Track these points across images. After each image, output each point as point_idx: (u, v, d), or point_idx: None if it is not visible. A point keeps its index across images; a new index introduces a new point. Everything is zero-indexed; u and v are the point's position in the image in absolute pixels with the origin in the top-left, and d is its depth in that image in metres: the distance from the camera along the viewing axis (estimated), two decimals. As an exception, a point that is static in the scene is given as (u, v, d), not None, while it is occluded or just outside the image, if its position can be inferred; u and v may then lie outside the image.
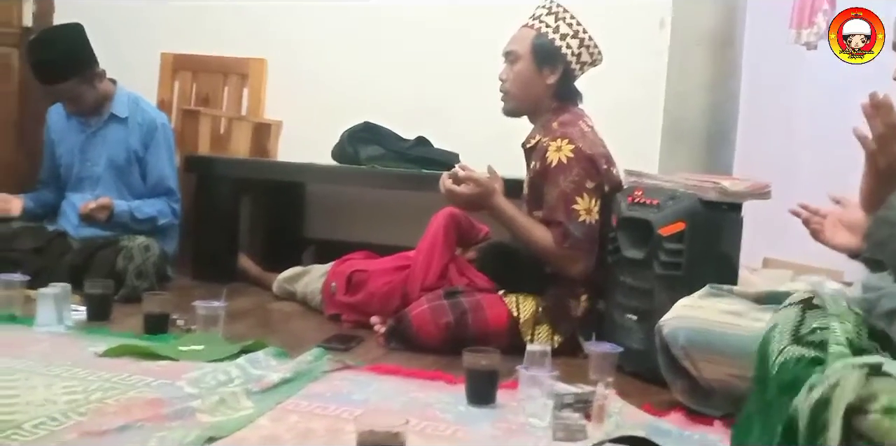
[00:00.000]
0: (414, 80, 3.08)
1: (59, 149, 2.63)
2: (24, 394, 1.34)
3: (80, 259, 2.33)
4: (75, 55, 2.42)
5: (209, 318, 1.81)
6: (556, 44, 2.02)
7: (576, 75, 2.07)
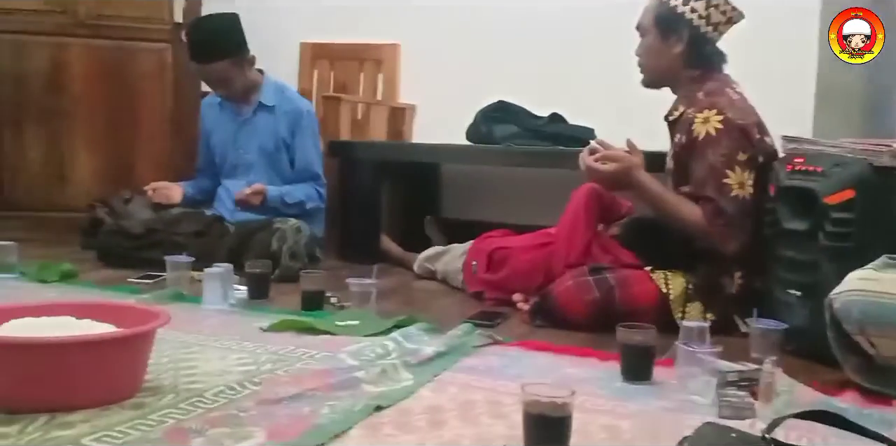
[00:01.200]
0: (545, 56, 3.05)
1: (213, 138, 2.80)
2: (202, 365, 1.44)
3: (237, 241, 2.47)
4: (230, 37, 2.56)
5: (362, 295, 1.88)
6: (679, 10, 1.93)
7: (710, 38, 1.96)
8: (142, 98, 3.15)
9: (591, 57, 2.93)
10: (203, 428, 1.11)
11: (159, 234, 2.49)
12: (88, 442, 1.05)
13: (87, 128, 3.12)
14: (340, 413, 1.20)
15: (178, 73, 3.17)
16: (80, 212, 2.76)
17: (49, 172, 3.10)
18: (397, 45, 3.33)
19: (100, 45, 3.12)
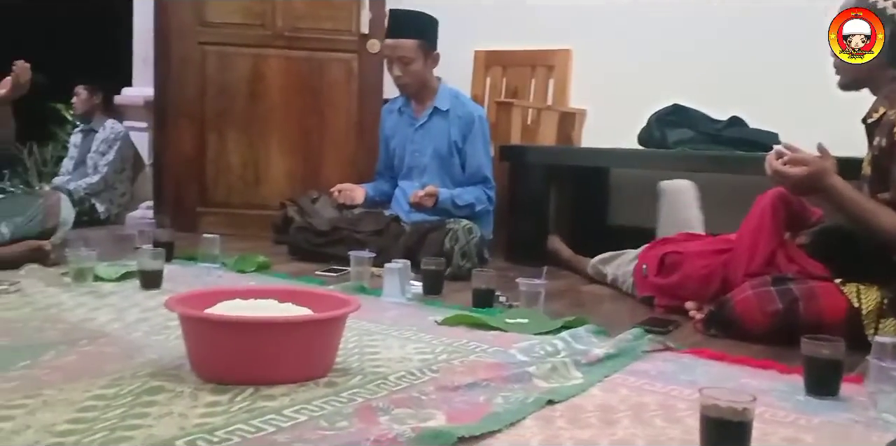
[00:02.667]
0: (721, 57, 2.95)
1: (391, 142, 2.95)
2: (384, 352, 1.54)
3: (412, 240, 2.60)
4: (426, 23, 2.75)
5: (531, 295, 1.92)
6: (880, 6, 1.80)
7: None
8: (330, 105, 3.39)
9: (772, 57, 2.80)
10: (389, 407, 1.19)
11: (343, 232, 2.68)
12: (290, 413, 1.16)
13: (281, 133, 3.40)
14: (514, 403, 1.24)
15: (363, 81, 3.38)
16: (273, 210, 3.02)
17: (247, 174, 3.41)
18: (569, 51, 3.35)
19: (294, 55, 3.39)
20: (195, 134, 3.41)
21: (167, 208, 3.38)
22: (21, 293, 1.91)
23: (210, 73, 3.41)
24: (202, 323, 1.31)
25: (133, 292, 1.99)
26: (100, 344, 1.51)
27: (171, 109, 3.42)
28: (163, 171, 3.50)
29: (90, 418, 1.11)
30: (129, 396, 1.20)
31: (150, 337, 1.59)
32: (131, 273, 2.13)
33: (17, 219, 2.31)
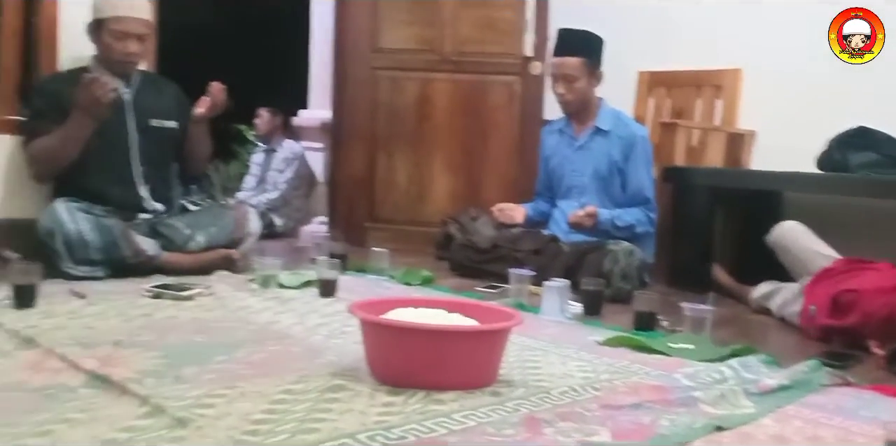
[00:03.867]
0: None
1: (551, 162, 2.99)
2: (545, 367, 1.57)
3: (571, 260, 2.61)
4: (591, 42, 2.78)
5: (697, 321, 1.88)
6: None
7: None
8: (492, 126, 3.49)
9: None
10: (553, 420, 1.22)
11: (503, 250, 2.74)
12: (459, 418, 1.22)
13: (445, 153, 3.53)
14: (681, 427, 1.23)
15: (524, 103, 3.45)
16: (435, 227, 3.14)
17: (412, 192, 3.57)
18: (739, 70, 3.24)
19: (460, 78, 3.52)
20: (366, 154, 3.61)
21: (339, 223, 3.60)
22: (215, 296, 2.11)
23: (381, 96, 3.61)
24: (381, 328, 1.40)
25: (312, 299, 2.15)
26: (285, 345, 1.64)
27: (346, 131, 3.65)
28: (336, 189, 3.74)
29: (281, 409, 1.22)
30: (314, 392, 1.31)
31: (329, 340, 1.71)
32: (310, 281, 2.29)
33: (211, 229, 2.56)
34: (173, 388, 1.28)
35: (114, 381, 1.28)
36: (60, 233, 2.24)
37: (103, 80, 2.31)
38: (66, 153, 2.36)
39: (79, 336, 1.60)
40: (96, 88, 2.26)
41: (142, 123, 2.56)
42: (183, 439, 1.07)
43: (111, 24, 2.44)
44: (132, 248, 2.34)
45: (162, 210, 2.58)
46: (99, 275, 2.27)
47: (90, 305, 1.90)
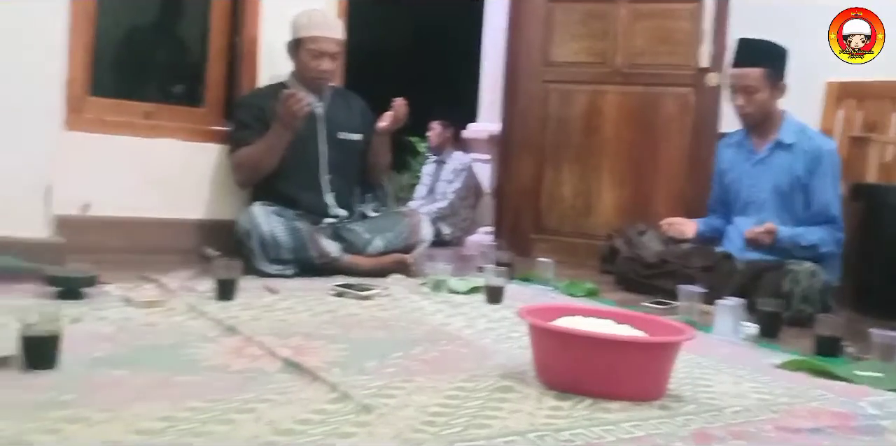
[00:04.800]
0: None
1: (727, 177, 2.88)
2: (717, 386, 1.53)
3: (746, 279, 2.50)
4: (773, 52, 2.65)
5: (887, 348, 1.76)
6: None
7: None
8: (663, 139, 3.43)
9: None
10: (725, 437, 1.20)
11: (671, 265, 2.68)
12: (627, 427, 1.23)
13: (613, 166, 3.51)
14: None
15: (698, 115, 3.36)
16: (600, 239, 3.13)
17: (578, 204, 3.58)
18: (947, 80, 2.98)
19: (630, 90, 3.50)
20: (534, 165, 3.66)
21: (505, 233, 3.67)
22: (391, 297, 2.24)
23: (551, 109, 3.65)
24: (551, 334, 1.44)
25: (480, 304, 2.22)
26: (456, 346, 1.72)
27: (514, 143, 3.73)
28: (503, 200, 3.82)
29: (454, 405, 1.28)
30: (485, 391, 1.37)
31: (497, 344, 1.77)
32: (478, 288, 2.37)
33: (388, 235, 2.71)
34: (358, 378, 1.39)
35: (306, 369, 1.40)
36: (256, 233, 2.46)
37: (300, 95, 2.52)
38: (267, 161, 2.60)
39: (273, 327, 1.76)
40: (293, 103, 2.47)
41: (331, 135, 2.77)
42: (368, 424, 1.16)
43: (308, 43, 2.66)
44: (318, 250, 2.53)
45: (345, 215, 2.77)
46: (288, 273, 2.47)
47: (282, 300, 2.09)
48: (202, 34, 3.03)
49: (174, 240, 2.69)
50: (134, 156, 2.68)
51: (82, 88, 2.64)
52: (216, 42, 2.98)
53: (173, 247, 2.65)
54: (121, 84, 3.10)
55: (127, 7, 3.08)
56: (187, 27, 3.31)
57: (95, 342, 1.51)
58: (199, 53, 3.04)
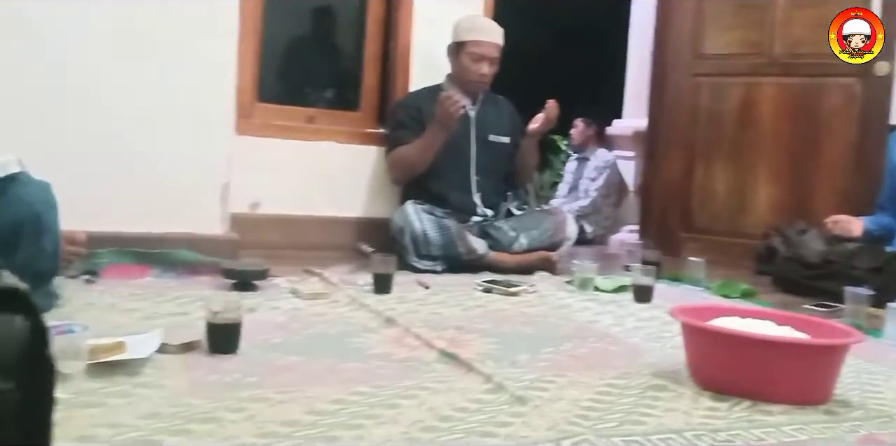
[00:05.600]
0: None
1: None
2: (889, 393, 1.45)
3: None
4: None
5: None
6: None
7: None
8: (825, 132, 3.24)
9: None
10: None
11: (835, 266, 2.53)
12: (789, 430, 1.20)
13: (770, 161, 3.36)
14: None
15: (865, 107, 3.15)
16: (755, 239, 3.00)
17: (731, 202, 3.45)
18: None
19: (789, 82, 3.32)
20: (683, 162, 3.57)
21: (651, 232, 3.60)
22: (538, 294, 2.27)
23: (702, 103, 3.54)
24: (708, 334, 1.42)
25: (628, 303, 2.21)
26: (605, 343, 1.73)
27: (662, 139, 3.64)
28: (650, 197, 3.74)
29: (607, 401, 1.30)
30: (637, 389, 1.37)
31: (647, 342, 1.76)
32: (625, 287, 2.35)
33: (533, 233, 2.74)
34: (511, 371, 1.43)
35: (461, 360, 1.47)
36: (409, 231, 2.57)
37: (456, 96, 2.61)
38: (422, 160, 2.70)
39: (428, 319, 1.85)
40: (450, 105, 2.56)
41: (481, 138, 2.85)
42: (523, 414, 1.20)
43: (471, 46, 2.75)
44: (466, 247, 2.60)
45: (491, 214, 2.83)
46: (438, 269, 2.56)
47: (434, 295, 2.17)
48: (357, 41, 3.19)
49: (333, 237, 2.85)
50: (298, 157, 2.87)
51: (251, 95, 2.86)
52: (371, 48, 3.13)
53: (333, 244, 2.81)
54: (284, 90, 3.33)
55: (286, 17, 3.29)
56: (343, 35, 3.50)
57: (270, 330, 1.64)
58: (355, 59, 3.20)
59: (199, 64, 2.37)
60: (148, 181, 2.28)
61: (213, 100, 2.41)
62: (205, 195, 2.40)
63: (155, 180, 2.29)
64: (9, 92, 2.12)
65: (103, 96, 2.24)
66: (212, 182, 2.42)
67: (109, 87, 2.25)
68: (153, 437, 1.03)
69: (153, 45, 2.30)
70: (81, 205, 1.71)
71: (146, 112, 2.30)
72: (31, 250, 1.41)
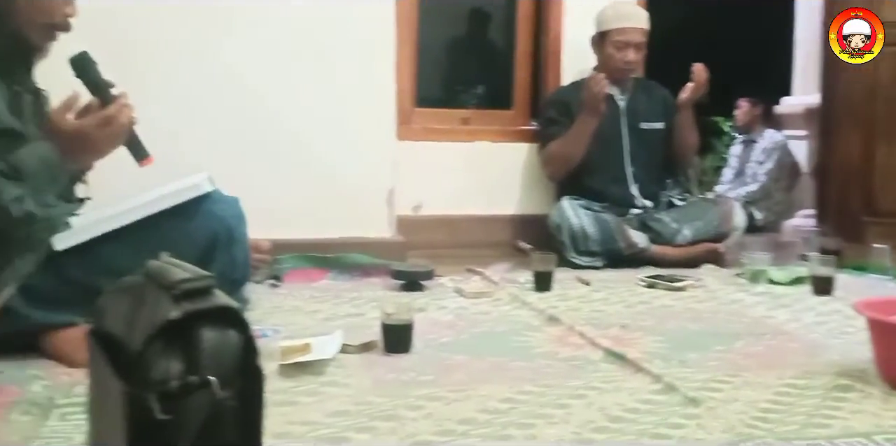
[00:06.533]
0: None
1: None
2: None
3: None
4: None
5: None
6: None
7: None
8: None
9: None
10: None
11: None
12: None
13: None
14: None
15: None
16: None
17: (919, 182, 3.14)
18: None
19: None
20: (862, 140, 3.29)
21: (830, 217, 3.36)
22: (705, 288, 2.20)
23: (882, 76, 3.25)
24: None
25: (805, 296, 2.09)
26: (782, 340, 1.66)
27: (838, 116, 3.38)
28: (826, 179, 3.49)
29: (787, 402, 1.25)
30: (820, 389, 1.31)
31: (829, 339, 1.66)
32: (801, 278, 2.23)
33: (697, 224, 2.65)
34: (681, 370, 1.41)
35: (629, 359, 1.46)
36: (566, 227, 2.57)
37: (599, 76, 2.57)
38: (576, 151, 2.68)
39: (590, 317, 1.85)
40: (593, 84, 2.54)
41: (633, 127, 2.79)
42: (696, 416, 1.18)
43: (614, 35, 2.70)
44: (626, 241, 2.56)
45: (651, 205, 2.76)
46: (598, 265, 2.54)
47: (595, 291, 2.17)
48: (508, 40, 3.22)
49: (492, 235, 2.91)
50: (455, 159, 2.95)
51: (409, 102, 2.97)
52: (522, 46, 3.15)
53: (491, 241, 2.87)
54: (439, 93, 3.43)
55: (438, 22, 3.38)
56: (493, 35, 3.55)
57: (439, 329, 1.72)
58: (506, 58, 3.24)
59: (362, 77, 2.49)
60: (321, 191, 2.44)
61: (377, 110, 2.53)
62: (373, 200, 2.53)
63: (328, 190, 2.45)
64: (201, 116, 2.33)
65: (278, 115, 2.42)
66: (378, 188, 2.54)
67: (284, 106, 2.42)
68: (342, 434, 1.12)
69: (322, 65, 2.45)
70: (264, 216, 1.86)
71: (317, 127, 2.45)
72: (225, 261, 1.56)
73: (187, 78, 2.33)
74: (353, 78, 2.48)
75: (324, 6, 2.45)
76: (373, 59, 2.51)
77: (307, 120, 2.44)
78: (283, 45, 2.42)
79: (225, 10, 2.36)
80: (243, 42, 2.39)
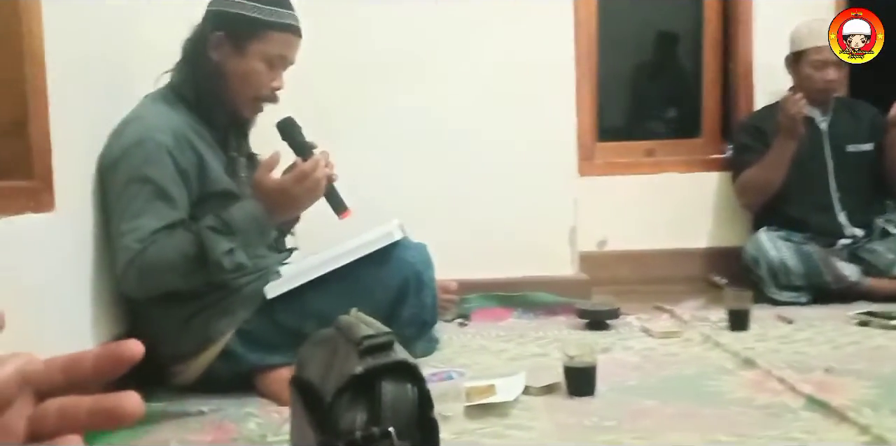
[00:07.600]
0: None
1: None
2: None
3: None
4: None
5: None
6: None
7: None
8: None
9: None
10: None
11: None
12: None
13: None
14: None
15: None
16: None
17: None
18: None
19: None
20: None
21: None
22: (929, 326, 1.98)
23: None
24: None
25: None
26: None
27: None
28: None
29: None
30: None
31: None
32: None
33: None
34: (893, 421, 1.29)
35: (833, 407, 1.36)
36: (764, 260, 2.43)
37: (795, 96, 2.41)
38: (773, 178, 2.53)
39: (791, 360, 1.73)
40: (790, 105, 2.38)
41: (837, 150, 2.59)
42: (910, 477, 1.08)
43: (812, 54, 2.53)
44: (833, 274, 2.37)
45: (862, 235, 2.54)
46: (802, 300, 2.37)
47: (798, 331, 2.02)
48: (694, 66, 3.14)
49: (681, 269, 2.81)
50: (639, 192, 2.89)
51: (591, 137, 2.97)
52: (710, 71, 3.05)
53: (681, 276, 2.77)
54: (621, 126, 3.39)
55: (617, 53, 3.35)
56: (678, 61, 3.46)
57: (625, 371, 1.69)
58: (693, 85, 3.15)
59: (543, 118, 2.53)
60: (504, 231, 2.50)
61: (558, 148, 2.56)
62: (555, 239, 2.55)
63: (510, 229, 2.50)
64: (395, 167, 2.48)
65: (465, 161, 2.50)
66: (560, 226, 2.55)
67: (469, 152, 2.50)
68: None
69: (505, 110, 2.51)
70: (450, 258, 1.95)
71: (500, 169, 2.51)
72: (415, 304, 1.65)
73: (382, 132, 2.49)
74: (535, 120, 2.53)
75: (505, 51, 2.52)
76: (553, 99, 2.54)
77: (491, 163, 2.51)
78: (468, 95, 2.51)
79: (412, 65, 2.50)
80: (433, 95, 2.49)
